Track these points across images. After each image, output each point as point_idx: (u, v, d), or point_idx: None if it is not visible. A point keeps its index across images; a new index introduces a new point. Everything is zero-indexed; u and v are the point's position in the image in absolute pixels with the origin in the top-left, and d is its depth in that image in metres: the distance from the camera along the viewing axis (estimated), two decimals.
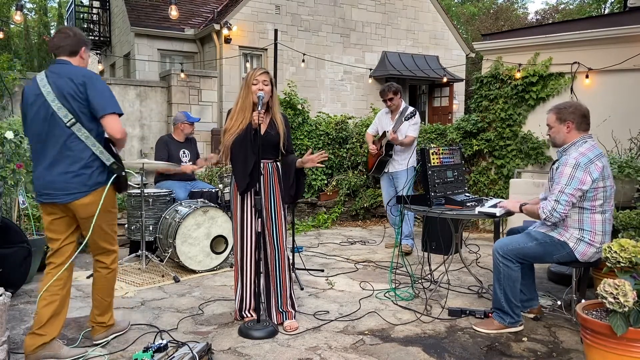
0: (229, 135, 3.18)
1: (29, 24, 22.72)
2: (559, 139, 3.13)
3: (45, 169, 2.70)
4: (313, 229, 6.92)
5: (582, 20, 7.31)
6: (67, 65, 2.75)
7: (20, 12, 7.27)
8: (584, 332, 2.48)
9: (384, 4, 13.28)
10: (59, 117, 2.64)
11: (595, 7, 24.08)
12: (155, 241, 4.84)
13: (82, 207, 2.70)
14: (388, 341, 3.08)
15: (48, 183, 2.69)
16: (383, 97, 5.36)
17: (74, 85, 2.65)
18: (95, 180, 2.72)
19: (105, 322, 3.02)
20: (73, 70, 2.71)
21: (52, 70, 2.73)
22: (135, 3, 12.58)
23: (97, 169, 2.72)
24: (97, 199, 2.71)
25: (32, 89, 2.72)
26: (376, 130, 5.56)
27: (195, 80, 9.92)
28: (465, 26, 23.68)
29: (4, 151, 4.59)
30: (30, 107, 2.73)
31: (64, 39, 2.78)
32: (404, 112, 5.22)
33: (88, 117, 2.68)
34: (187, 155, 5.41)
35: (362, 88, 13.17)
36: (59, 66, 2.75)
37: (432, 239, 4.85)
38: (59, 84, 2.66)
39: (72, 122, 2.64)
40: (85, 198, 2.69)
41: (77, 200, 2.68)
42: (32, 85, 2.74)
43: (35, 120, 2.70)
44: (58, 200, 2.68)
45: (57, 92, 2.64)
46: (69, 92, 2.64)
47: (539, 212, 3.04)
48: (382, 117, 5.53)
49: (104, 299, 2.99)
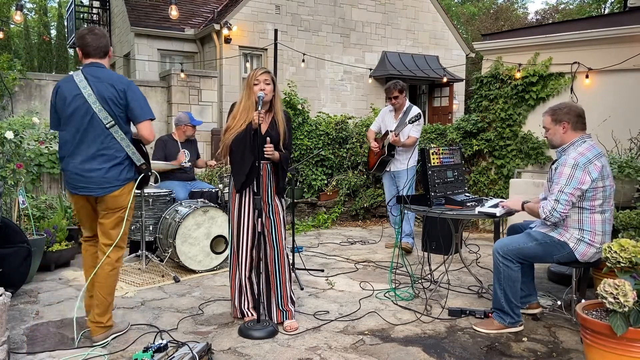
0: (229, 133, 3.19)
1: (29, 24, 22.73)
2: (556, 140, 3.14)
3: (80, 163, 2.92)
4: (313, 229, 6.92)
5: (582, 20, 7.31)
6: (104, 70, 2.98)
7: (20, 12, 7.27)
8: (584, 332, 2.48)
9: (384, 4, 13.28)
10: (99, 119, 2.88)
11: (595, 7, 24.08)
12: (155, 241, 4.85)
13: (112, 199, 2.96)
14: (388, 341, 3.08)
15: (84, 177, 2.92)
16: (388, 94, 5.30)
17: (115, 91, 2.90)
18: (125, 176, 2.99)
19: (103, 322, 3.03)
20: (113, 77, 2.95)
21: (90, 73, 2.92)
22: (135, 3, 12.57)
23: (127, 166, 2.99)
24: (125, 192, 2.99)
25: (70, 88, 2.91)
26: (379, 127, 5.52)
27: (195, 80, 9.92)
28: (465, 26, 23.68)
29: (4, 151, 4.60)
30: (67, 105, 2.92)
31: (99, 39, 2.97)
32: (407, 111, 5.19)
33: (124, 120, 2.96)
34: (187, 155, 5.41)
35: (362, 88, 13.16)
36: (96, 69, 2.95)
37: (432, 239, 4.85)
38: (100, 88, 2.88)
39: (111, 124, 2.90)
40: (115, 191, 2.95)
41: (109, 193, 2.94)
42: (69, 84, 2.92)
43: (73, 118, 2.91)
44: (94, 193, 2.94)
45: (99, 95, 2.88)
46: (110, 97, 2.89)
47: (539, 211, 3.05)
48: (386, 114, 5.48)
49: (105, 297, 3.03)
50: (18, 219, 4.63)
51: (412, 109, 5.21)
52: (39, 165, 6.48)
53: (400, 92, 5.24)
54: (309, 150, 7.57)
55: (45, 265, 4.54)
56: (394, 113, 5.38)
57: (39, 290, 4.05)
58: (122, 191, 2.97)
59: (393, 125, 5.24)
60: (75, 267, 4.75)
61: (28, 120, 4.79)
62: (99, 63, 2.97)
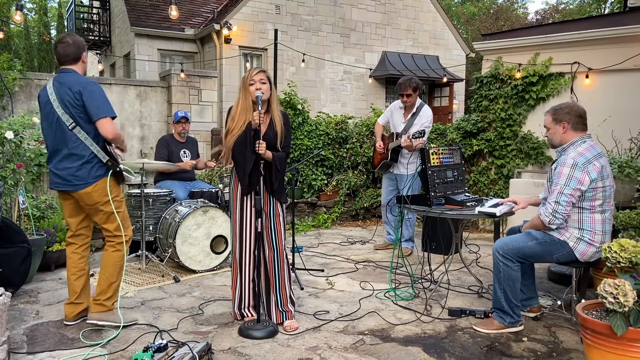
0: (230, 136, 3.18)
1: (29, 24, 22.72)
2: (556, 139, 3.14)
3: (57, 163, 3.17)
4: (313, 229, 6.92)
5: (582, 20, 7.31)
6: (69, 74, 3.15)
7: (20, 12, 7.27)
8: (584, 332, 2.48)
9: (384, 4, 13.28)
10: (63, 122, 3.08)
11: (595, 7, 24.08)
12: (155, 241, 4.85)
13: (86, 195, 3.13)
14: (388, 341, 3.08)
15: (59, 175, 3.15)
16: (401, 90, 4.97)
17: (72, 93, 3.06)
18: (96, 174, 3.13)
19: (100, 300, 3.20)
20: (72, 80, 3.11)
21: (57, 79, 3.14)
22: (135, 3, 12.58)
23: (97, 164, 3.14)
24: (98, 189, 3.13)
25: (44, 95, 3.18)
26: (386, 121, 5.32)
27: (195, 80, 9.92)
28: (465, 26, 23.68)
29: (4, 151, 4.60)
30: (42, 111, 3.21)
31: (66, 47, 3.16)
32: (417, 111, 5.01)
33: (85, 120, 3.09)
34: (187, 156, 5.42)
35: (362, 88, 13.17)
36: (63, 75, 3.16)
37: (432, 239, 4.85)
38: (61, 93, 3.08)
39: (73, 126, 3.07)
40: (87, 188, 3.11)
41: (81, 190, 3.11)
42: (44, 91, 3.19)
43: (47, 123, 3.17)
44: (67, 188, 3.15)
45: (60, 99, 3.08)
46: (68, 100, 3.06)
47: (539, 222, 3.04)
48: (395, 111, 5.22)
49: (106, 278, 3.23)
50: (18, 219, 4.63)
51: (423, 110, 4.97)
52: (39, 165, 6.46)
53: (414, 90, 4.93)
54: (309, 150, 7.57)
55: (45, 265, 4.54)
56: (404, 111, 5.14)
57: (39, 290, 4.05)
58: (95, 187, 3.12)
59: (401, 125, 5.06)
60: None
61: (28, 120, 4.79)
62: (68, 69, 3.17)
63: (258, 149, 3.08)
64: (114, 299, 3.26)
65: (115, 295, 3.26)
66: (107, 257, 3.26)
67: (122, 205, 3.29)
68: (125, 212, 3.33)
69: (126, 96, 9.31)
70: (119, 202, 3.26)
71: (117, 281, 3.27)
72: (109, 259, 3.25)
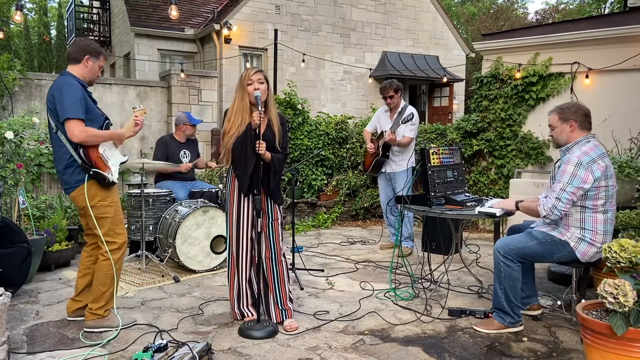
0: (228, 137, 3.17)
1: (29, 24, 22.72)
2: (562, 138, 3.13)
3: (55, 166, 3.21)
4: (313, 229, 6.92)
5: (582, 20, 7.31)
6: (61, 76, 3.12)
7: (20, 12, 7.27)
8: (584, 332, 2.48)
9: (384, 4, 13.28)
10: (50, 125, 3.10)
11: (595, 7, 24.08)
12: (155, 241, 4.84)
13: (73, 199, 3.14)
14: (388, 341, 3.08)
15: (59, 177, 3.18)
16: (383, 93, 5.28)
17: (50, 96, 3.04)
18: (77, 178, 3.08)
19: (93, 309, 3.15)
20: (56, 82, 3.07)
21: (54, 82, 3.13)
22: (135, 3, 12.57)
23: (77, 169, 3.07)
24: (81, 193, 3.07)
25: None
26: (374, 127, 5.51)
27: (195, 80, 9.92)
28: (465, 26, 23.68)
29: (4, 151, 4.60)
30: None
31: (70, 48, 3.18)
32: (402, 111, 5.18)
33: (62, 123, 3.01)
34: (187, 156, 5.41)
35: (362, 88, 13.16)
36: (58, 77, 3.14)
37: (432, 239, 4.85)
38: (48, 96, 3.07)
39: (55, 129, 3.06)
40: (73, 192, 3.10)
41: (69, 193, 3.13)
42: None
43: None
44: (65, 190, 3.17)
45: (48, 102, 3.07)
46: (49, 104, 3.06)
47: (537, 209, 3.04)
48: (381, 115, 5.47)
49: (97, 287, 3.17)
50: (18, 219, 4.63)
51: (407, 108, 5.19)
52: (39, 165, 6.48)
53: (395, 92, 5.21)
54: (309, 150, 7.56)
55: (45, 265, 4.54)
56: (389, 113, 5.36)
57: (39, 290, 4.05)
58: (78, 192, 3.07)
59: (388, 126, 5.22)
60: (75, 267, 4.74)
61: (28, 120, 4.79)
62: (65, 70, 3.15)
63: (258, 149, 3.08)
64: (107, 307, 3.19)
65: (109, 302, 3.19)
66: (98, 266, 3.18)
67: (110, 210, 3.15)
68: (116, 216, 3.19)
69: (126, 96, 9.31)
70: (107, 207, 3.13)
71: (109, 289, 3.18)
72: (99, 268, 3.17)
